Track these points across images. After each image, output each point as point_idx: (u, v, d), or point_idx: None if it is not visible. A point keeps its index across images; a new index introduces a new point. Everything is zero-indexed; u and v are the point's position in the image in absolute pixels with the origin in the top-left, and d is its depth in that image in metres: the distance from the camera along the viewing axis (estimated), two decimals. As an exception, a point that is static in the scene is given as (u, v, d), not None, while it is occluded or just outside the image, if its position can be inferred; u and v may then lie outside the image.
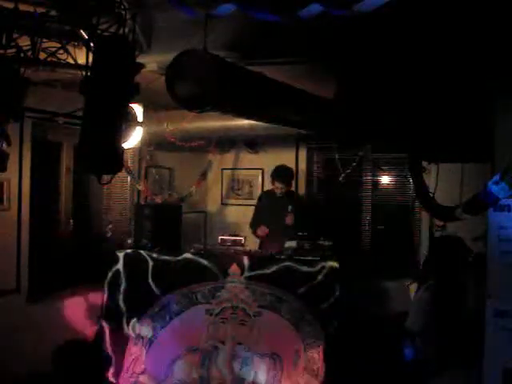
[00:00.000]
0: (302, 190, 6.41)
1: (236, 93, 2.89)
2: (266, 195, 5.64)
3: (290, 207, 5.05)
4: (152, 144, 5.39)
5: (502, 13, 2.56)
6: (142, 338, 4.28)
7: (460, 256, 3.63)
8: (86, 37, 2.54)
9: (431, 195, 4.45)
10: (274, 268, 4.17)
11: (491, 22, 2.72)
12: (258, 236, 5.30)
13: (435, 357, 3.34)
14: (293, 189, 5.64)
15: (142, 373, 4.21)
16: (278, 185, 5.21)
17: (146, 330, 4.28)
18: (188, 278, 4.29)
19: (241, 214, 6.31)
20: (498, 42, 3.00)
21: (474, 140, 4.25)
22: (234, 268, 4.23)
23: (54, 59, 2.66)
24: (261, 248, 5.16)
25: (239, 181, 6.79)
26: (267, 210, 5.39)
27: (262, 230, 5.20)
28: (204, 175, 6.54)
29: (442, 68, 3.54)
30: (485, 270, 3.54)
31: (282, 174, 5.25)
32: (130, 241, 4.74)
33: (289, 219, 5.05)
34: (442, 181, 4.61)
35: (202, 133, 4.91)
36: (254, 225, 5.36)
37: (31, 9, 2.48)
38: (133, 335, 4.30)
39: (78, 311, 4.84)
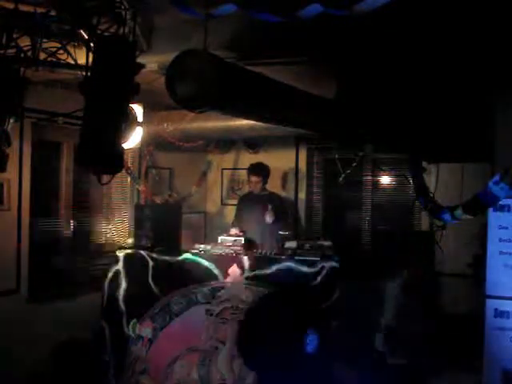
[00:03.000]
0: (302, 190, 6.40)
1: (236, 93, 2.89)
2: (246, 196, 5.67)
3: (270, 206, 5.09)
4: (152, 144, 5.38)
5: (503, 19, 2.56)
6: (142, 338, 4.28)
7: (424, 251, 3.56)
8: (86, 37, 2.54)
9: (431, 195, 4.44)
10: (274, 268, 4.17)
11: (492, 24, 2.72)
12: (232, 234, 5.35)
13: (419, 356, 3.32)
14: (273, 189, 5.65)
15: (142, 373, 4.22)
16: (253, 178, 5.27)
17: (146, 330, 4.28)
18: (188, 278, 4.29)
19: (241, 214, 6.30)
20: (499, 43, 3.01)
21: (473, 140, 4.25)
22: (233, 268, 4.23)
23: (53, 59, 2.66)
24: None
25: (239, 181, 6.78)
26: (247, 210, 5.45)
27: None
28: (204, 175, 6.53)
29: (442, 68, 3.54)
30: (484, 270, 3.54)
31: (255, 167, 5.32)
32: (130, 241, 4.74)
33: (269, 217, 5.08)
34: (442, 181, 4.60)
35: (202, 133, 4.91)
36: (234, 225, 5.42)
37: (31, 9, 2.49)
38: (133, 335, 4.30)
39: (78, 311, 4.83)
